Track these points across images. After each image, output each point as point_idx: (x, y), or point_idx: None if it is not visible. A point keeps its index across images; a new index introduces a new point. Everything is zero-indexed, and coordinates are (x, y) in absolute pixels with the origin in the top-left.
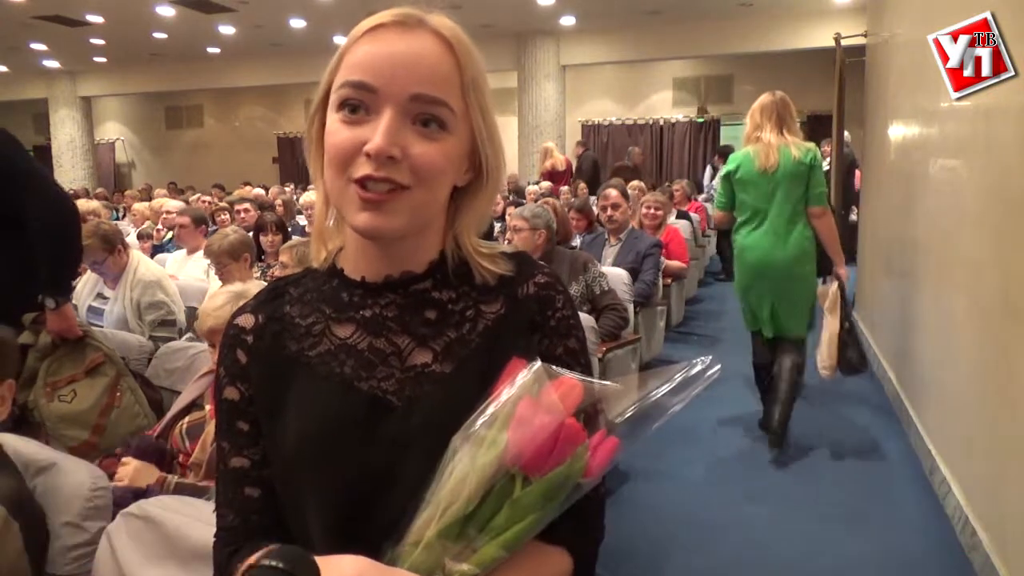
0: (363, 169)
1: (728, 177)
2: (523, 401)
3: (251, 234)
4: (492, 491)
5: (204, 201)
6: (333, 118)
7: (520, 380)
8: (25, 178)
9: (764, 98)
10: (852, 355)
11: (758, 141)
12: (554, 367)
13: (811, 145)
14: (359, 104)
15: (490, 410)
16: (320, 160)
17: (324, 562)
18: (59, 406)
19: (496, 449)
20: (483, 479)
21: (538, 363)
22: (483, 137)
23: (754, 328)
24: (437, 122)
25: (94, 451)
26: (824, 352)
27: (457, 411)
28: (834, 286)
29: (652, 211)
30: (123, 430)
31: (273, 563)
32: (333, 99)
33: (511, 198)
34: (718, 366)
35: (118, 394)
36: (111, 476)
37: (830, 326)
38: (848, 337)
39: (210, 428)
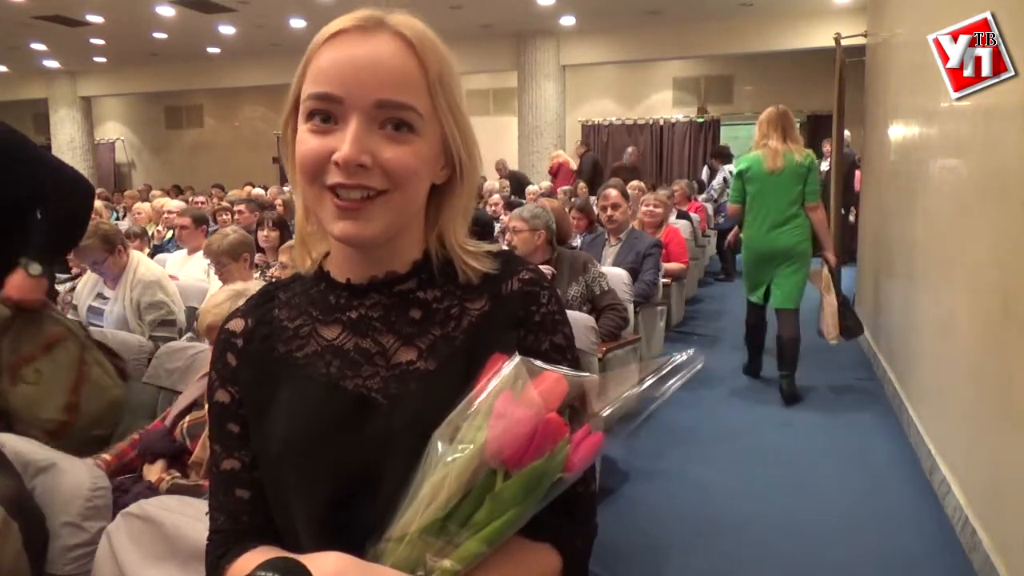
0: (335, 177)
1: (741, 175)
2: (502, 396)
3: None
4: (473, 487)
5: (197, 202)
6: (302, 128)
7: (500, 376)
8: (39, 163)
9: (770, 111)
10: (850, 323)
11: (766, 147)
12: (536, 362)
13: (809, 151)
14: (327, 114)
15: (471, 406)
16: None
17: (307, 560)
18: (26, 389)
19: (476, 445)
20: (463, 475)
21: (518, 358)
22: (454, 135)
23: (751, 297)
24: (406, 125)
25: (72, 430)
26: (829, 324)
27: (441, 408)
28: (824, 269)
29: (651, 208)
30: (96, 406)
31: (268, 574)
32: (302, 109)
33: (511, 196)
34: (701, 358)
35: (85, 368)
36: (126, 466)
37: (829, 302)
38: (844, 309)
39: None
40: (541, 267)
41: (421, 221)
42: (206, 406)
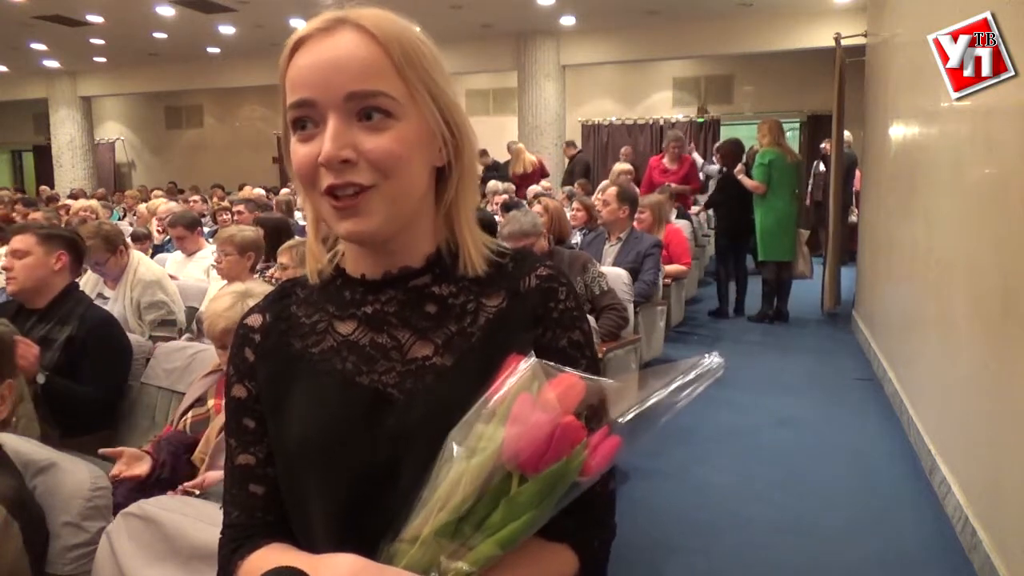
0: (326, 180)
1: (769, 164)
2: (520, 398)
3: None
4: (488, 489)
5: (194, 200)
6: (292, 140)
7: (517, 377)
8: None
9: (774, 120)
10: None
11: (781, 146)
12: (552, 364)
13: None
14: (308, 120)
15: (486, 407)
16: None
17: (319, 561)
18: None
19: (492, 447)
20: (479, 477)
21: (535, 360)
22: (432, 112)
23: (778, 258)
24: (381, 112)
25: None
26: (800, 264)
27: (458, 403)
28: (807, 233)
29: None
30: None
31: None
32: (288, 122)
33: (509, 196)
34: (722, 361)
35: None
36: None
37: (804, 253)
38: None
39: (214, 424)
40: None
41: (431, 211)
42: (210, 403)
